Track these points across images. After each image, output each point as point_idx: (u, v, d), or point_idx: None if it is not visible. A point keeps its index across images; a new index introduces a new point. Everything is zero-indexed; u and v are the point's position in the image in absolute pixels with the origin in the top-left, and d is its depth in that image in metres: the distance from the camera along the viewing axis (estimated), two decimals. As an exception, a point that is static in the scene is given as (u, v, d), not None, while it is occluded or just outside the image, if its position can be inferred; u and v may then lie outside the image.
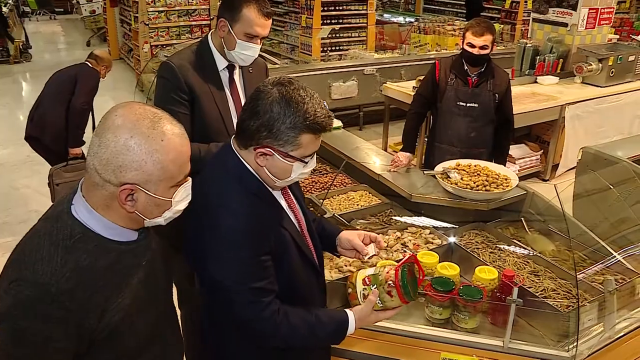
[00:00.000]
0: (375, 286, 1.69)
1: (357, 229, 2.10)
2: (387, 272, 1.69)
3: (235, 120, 2.34)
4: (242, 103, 2.38)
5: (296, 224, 1.71)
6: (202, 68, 2.27)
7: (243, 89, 2.42)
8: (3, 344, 1.19)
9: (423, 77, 3.73)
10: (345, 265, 2.36)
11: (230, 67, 2.35)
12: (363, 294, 1.73)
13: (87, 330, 1.23)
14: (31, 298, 1.17)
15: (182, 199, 1.32)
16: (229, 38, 2.24)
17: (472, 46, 3.26)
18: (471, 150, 3.38)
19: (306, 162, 1.55)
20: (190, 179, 1.35)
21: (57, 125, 4.39)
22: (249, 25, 2.21)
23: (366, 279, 1.73)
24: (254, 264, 1.51)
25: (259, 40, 2.27)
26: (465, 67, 3.38)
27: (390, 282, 1.66)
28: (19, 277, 1.19)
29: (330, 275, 2.28)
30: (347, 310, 1.69)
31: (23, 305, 1.17)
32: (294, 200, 1.75)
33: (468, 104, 3.38)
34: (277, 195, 1.68)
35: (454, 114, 3.42)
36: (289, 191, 1.74)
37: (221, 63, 2.32)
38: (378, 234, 2.68)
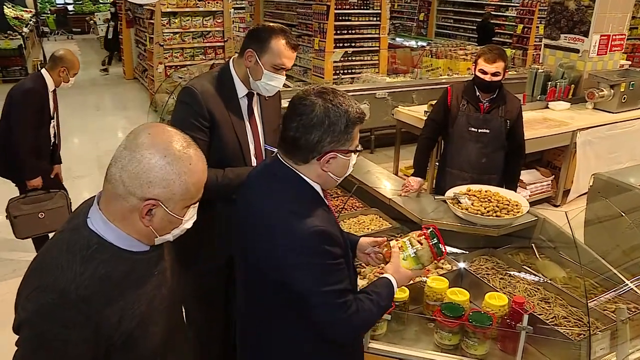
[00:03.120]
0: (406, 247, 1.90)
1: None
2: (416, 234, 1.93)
3: (252, 147, 2.37)
4: (259, 131, 2.41)
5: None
6: (222, 95, 2.29)
7: (260, 117, 2.43)
8: (24, 350, 1.25)
9: (435, 101, 3.74)
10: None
11: (250, 95, 2.38)
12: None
13: (105, 337, 1.27)
14: (52, 304, 1.22)
15: (189, 218, 1.40)
16: (255, 68, 2.27)
17: (484, 73, 3.28)
18: (482, 176, 3.38)
19: (359, 151, 1.67)
20: (198, 202, 1.42)
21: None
22: (277, 57, 2.24)
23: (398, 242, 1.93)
24: (335, 265, 1.59)
25: (284, 72, 2.31)
26: (477, 93, 3.40)
27: (421, 238, 1.89)
28: (39, 284, 1.25)
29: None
30: (384, 275, 1.82)
31: (44, 310, 1.23)
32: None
33: (480, 130, 3.39)
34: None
35: (465, 140, 3.43)
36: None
37: (241, 91, 2.34)
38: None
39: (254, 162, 2.37)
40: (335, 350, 1.75)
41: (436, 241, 1.89)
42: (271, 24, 2.34)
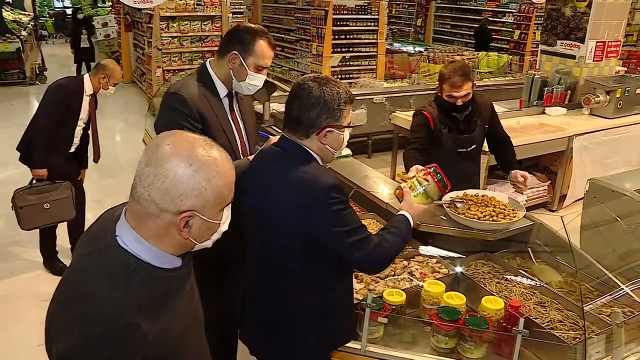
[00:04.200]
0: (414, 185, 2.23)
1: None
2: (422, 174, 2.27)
3: (239, 144, 2.44)
4: (241, 127, 2.48)
5: None
6: (207, 96, 2.32)
7: (240, 115, 2.51)
8: None
9: (415, 123, 3.42)
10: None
11: (230, 95, 2.43)
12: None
13: (149, 358, 1.22)
14: (100, 333, 1.16)
15: (226, 220, 1.36)
16: (240, 70, 2.32)
17: (454, 97, 3.14)
18: (467, 185, 3.27)
19: (351, 127, 1.96)
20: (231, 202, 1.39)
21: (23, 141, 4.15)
22: (260, 58, 2.32)
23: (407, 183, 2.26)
24: (350, 209, 1.87)
25: (265, 71, 2.39)
26: (454, 114, 3.27)
27: (428, 177, 2.22)
28: (81, 314, 1.18)
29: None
30: (400, 212, 2.14)
31: (92, 341, 1.16)
32: None
33: (468, 149, 3.36)
34: None
35: (456, 160, 3.34)
36: None
37: (222, 91, 2.38)
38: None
39: (241, 157, 2.42)
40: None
41: (440, 177, 2.20)
42: (251, 25, 2.40)
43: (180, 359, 1.33)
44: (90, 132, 4.32)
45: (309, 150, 1.90)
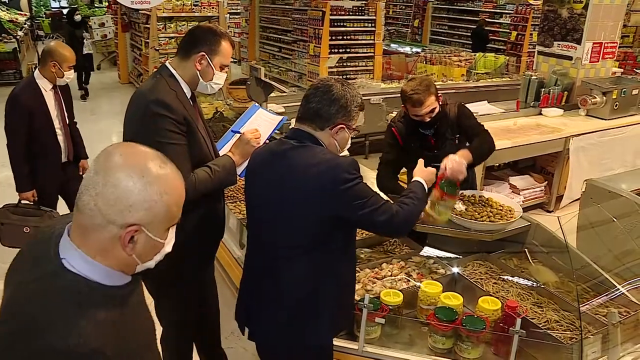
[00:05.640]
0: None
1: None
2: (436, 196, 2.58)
3: (210, 142, 2.42)
4: (205, 127, 2.46)
5: None
6: (180, 99, 2.27)
7: (200, 114, 2.47)
8: None
9: (385, 141, 3.34)
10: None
11: (193, 97, 2.41)
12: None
13: None
14: None
15: (170, 240, 1.31)
16: (207, 70, 2.32)
17: (419, 115, 2.96)
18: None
19: (357, 130, 2.09)
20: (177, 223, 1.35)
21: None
22: (225, 57, 2.35)
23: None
24: (366, 184, 1.97)
25: (227, 69, 2.41)
26: (421, 130, 3.10)
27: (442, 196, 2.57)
28: (36, 348, 1.11)
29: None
30: (414, 179, 2.30)
31: None
32: None
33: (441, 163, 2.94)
34: None
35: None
36: None
37: (188, 93, 2.35)
38: (382, 263, 2.72)
39: (214, 158, 2.41)
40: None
41: (445, 187, 2.52)
42: (211, 25, 2.40)
43: None
44: (65, 128, 3.90)
45: (321, 142, 2.01)
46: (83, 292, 1.17)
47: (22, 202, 3.82)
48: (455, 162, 2.64)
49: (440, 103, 3.00)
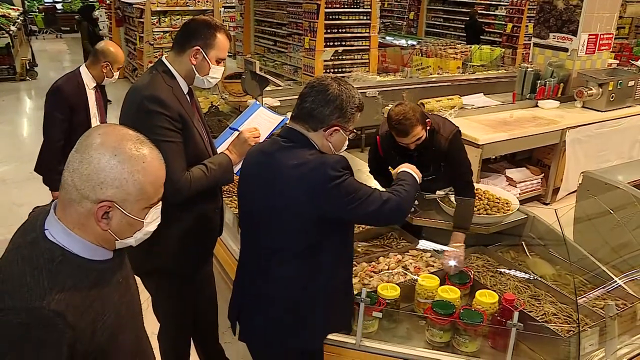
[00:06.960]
0: None
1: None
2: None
3: (207, 139, 2.39)
4: (204, 124, 2.43)
5: None
6: (177, 95, 2.25)
7: (197, 110, 2.44)
8: None
9: (369, 155, 3.20)
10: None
11: (190, 92, 2.37)
12: None
13: (79, 352, 1.22)
14: (23, 324, 1.16)
15: (152, 220, 1.36)
16: (203, 64, 2.28)
17: (404, 143, 2.77)
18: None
19: (355, 132, 2.02)
20: (160, 203, 1.37)
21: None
22: (221, 50, 2.29)
23: None
24: (353, 177, 1.92)
25: (223, 63, 2.37)
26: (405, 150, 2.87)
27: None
28: (4, 306, 1.17)
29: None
30: (401, 170, 2.23)
31: (15, 333, 1.16)
32: None
33: (425, 179, 2.49)
34: None
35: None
36: None
37: (185, 88, 2.32)
38: (379, 257, 2.71)
39: (212, 155, 2.38)
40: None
41: (461, 278, 2.46)
42: (205, 18, 2.35)
43: (115, 352, 1.32)
44: None
45: (313, 143, 1.95)
46: (57, 260, 1.24)
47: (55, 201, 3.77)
48: (456, 254, 2.56)
49: (429, 128, 2.78)
